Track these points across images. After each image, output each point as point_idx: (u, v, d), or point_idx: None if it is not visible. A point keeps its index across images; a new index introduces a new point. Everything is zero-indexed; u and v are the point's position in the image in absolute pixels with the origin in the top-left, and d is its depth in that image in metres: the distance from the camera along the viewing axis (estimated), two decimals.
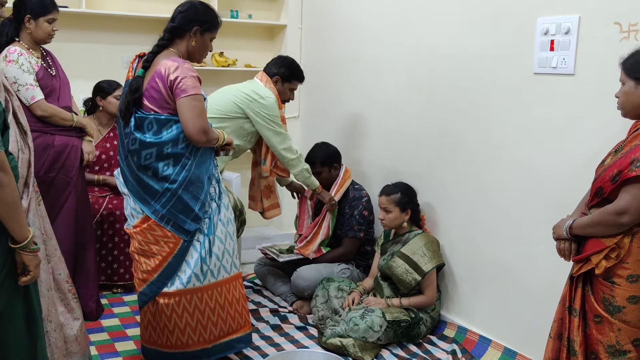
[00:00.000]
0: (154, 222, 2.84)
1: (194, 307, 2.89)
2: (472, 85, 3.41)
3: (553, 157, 2.99)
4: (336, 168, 4.05)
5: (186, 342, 2.91)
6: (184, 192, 2.80)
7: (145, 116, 2.78)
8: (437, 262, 3.51)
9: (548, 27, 2.94)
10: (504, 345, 3.28)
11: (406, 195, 3.63)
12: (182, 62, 2.76)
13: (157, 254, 2.86)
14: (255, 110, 3.69)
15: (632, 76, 2.20)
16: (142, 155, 2.79)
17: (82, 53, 4.52)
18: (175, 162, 2.79)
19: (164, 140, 2.77)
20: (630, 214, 2.09)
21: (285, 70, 3.86)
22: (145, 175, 2.81)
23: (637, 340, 2.16)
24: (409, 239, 3.60)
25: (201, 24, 2.84)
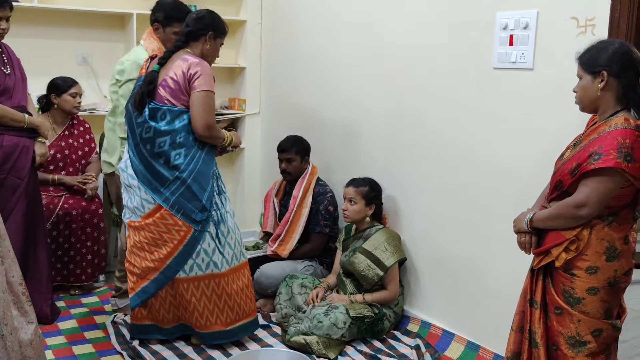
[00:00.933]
0: (166, 212, 3.04)
1: (212, 292, 3.15)
2: (432, 80, 3.42)
3: (512, 151, 3.01)
4: (306, 161, 4.04)
5: (204, 323, 3.20)
6: (193, 182, 3.03)
7: (159, 107, 3.02)
8: (399, 257, 3.51)
9: (507, 22, 2.96)
10: (467, 339, 3.30)
11: (373, 189, 3.63)
12: (201, 60, 3.04)
13: (168, 241, 3.07)
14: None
15: (588, 70, 2.22)
16: (156, 142, 3.01)
17: (35, 49, 4.39)
18: (186, 153, 3.02)
19: (177, 129, 3.00)
20: (589, 207, 2.11)
21: (160, 14, 3.54)
22: (157, 162, 3.03)
23: (596, 331, 2.19)
24: (370, 234, 3.60)
25: (214, 29, 3.15)
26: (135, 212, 3.15)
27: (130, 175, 3.12)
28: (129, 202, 3.18)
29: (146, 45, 3.56)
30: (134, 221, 3.16)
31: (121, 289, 3.67)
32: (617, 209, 2.17)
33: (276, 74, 4.90)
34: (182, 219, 3.05)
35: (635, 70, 2.15)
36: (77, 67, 4.61)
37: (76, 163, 4.10)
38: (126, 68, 3.49)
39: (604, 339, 2.21)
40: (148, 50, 3.52)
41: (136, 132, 3.08)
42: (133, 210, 3.16)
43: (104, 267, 4.13)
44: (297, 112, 4.63)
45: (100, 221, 4.03)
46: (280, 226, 3.98)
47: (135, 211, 3.15)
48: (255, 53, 5.04)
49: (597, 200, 2.10)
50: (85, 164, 4.16)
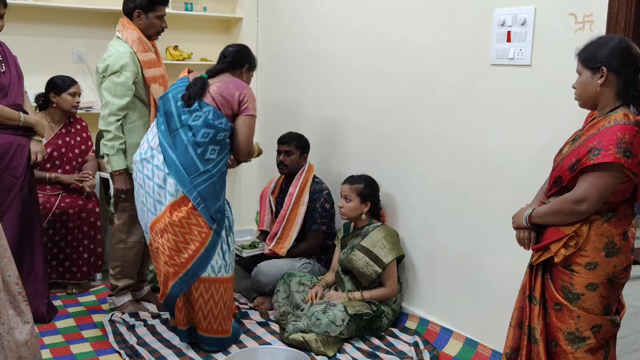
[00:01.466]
0: (190, 210, 3.06)
1: (220, 297, 3.19)
2: (430, 77, 3.42)
3: (510, 148, 3.01)
4: (304, 158, 4.03)
5: (206, 327, 3.21)
6: (218, 180, 3.15)
7: (207, 105, 3.12)
8: (397, 254, 3.51)
9: (505, 19, 2.96)
10: (465, 335, 3.30)
11: (369, 187, 3.62)
12: (247, 86, 3.25)
13: (190, 243, 3.09)
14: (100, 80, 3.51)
15: (588, 66, 2.22)
16: (201, 132, 3.09)
17: (30, 47, 4.36)
18: (220, 151, 3.15)
19: (220, 128, 3.12)
20: (589, 202, 2.11)
21: (141, 0, 3.48)
22: (195, 152, 3.08)
23: (595, 327, 2.19)
24: (368, 231, 3.60)
25: (250, 63, 3.38)
26: (155, 207, 3.13)
27: (157, 167, 3.11)
28: (146, 201, 3.16)
29: (125, 36, 3.49)
30: (157, 222, 3.12)
31: (117, 286, 3.65)
32: (616, 204, 2.17)
33: (272, 71, 4.88)
34: (202, 213, 3.07)
35: (635, 66, 2.15)
36: (73, 64, 4.58)
37: (73, 161, 4.08)
38: (110, 62, 3.42)
39: (603, 334, 2.21)
40: (128, 41, 3.47)
41: (176, 118, 3.13)
42: (151, 207, 3.14)
43: (100, 266, 4.12)
44: (294, 109, 4.62)
45: (97, 220, 4.02)
46: (276, 224, 3.97)
47: (154, 207, 3.13)
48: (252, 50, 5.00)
49: (597, 196, 2.10)
50: (82, 162, 4.15)
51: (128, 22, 3.54)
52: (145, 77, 3.50)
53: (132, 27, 3.51)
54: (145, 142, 3.22)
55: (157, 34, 3.62)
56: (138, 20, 3.52)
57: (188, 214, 3.06)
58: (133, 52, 3.46)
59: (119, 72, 3.41)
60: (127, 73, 3.41)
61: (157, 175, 3.11)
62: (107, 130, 3.44)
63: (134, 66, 3.45)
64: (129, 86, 3.43)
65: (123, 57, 3.42)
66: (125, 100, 3.43)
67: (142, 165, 3.18)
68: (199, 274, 3.11)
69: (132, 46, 3.47)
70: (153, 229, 3.15)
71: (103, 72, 3.45)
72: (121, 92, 3.42)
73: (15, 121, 3.28)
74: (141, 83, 3.51)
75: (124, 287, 3.64)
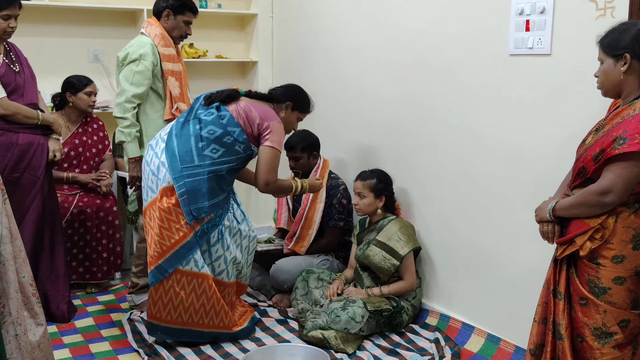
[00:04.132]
0: (171, 204, 3.05)
1: (202, 291, 3.13)
2: (448, 69, 3.36)
3: (531, 139, 2.95)
4: (315, 156, 3.98)
5: (187, 320, 3.16)
6: (209, 180, 3.06)
7: (228, 115, 3.11)
8: (413, 246, 3.46)
9: (523, 7, 2.89)
10: (487, 331, 3.25)
11: (382, 181, 3.58)
12: (278, 120, 3.21)
13: (166, 239, 3.07)
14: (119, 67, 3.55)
15: (610, 54, 2.15)
16: (208, 127, 3.08)
17: (46, 47, 4.38)
18: (222, 154, 3.10)
19: (230, 132, 3.09)
20: (615, 194, 2.04)
21: (174, 1, 3.56)
22: (196, 144, 3.07)
23: (623, 322, 2.13)
24: (383, 225, 3.56)
25: (294, 102, 3.36)
26: (147, 194, 3.18)
27: (156, 154, 3.14)
28: (144, 187, 3.22)
29: (148, 32, 3.57)
30: (149, 207, 3.17)
31: (138, 284, 3.66)
32: None
33: (288, 67, 4.85)
34: (182, 205, 3.04)
35: None
36: (89, 64, 4.59)
37: (90, 161, 4.09)
38: (130, 51, 3.49)
39: (630, 329, 2.14)
40: (150, 35, 3.55)
41: (193, 111, 3.16)
42: (144, 193, 3.21)
43: (119, 265, 4.11)
44: None
45: (115, 219, 4.01)
46: (295, 224, 3.94)
47: (147, 193, 3.19)
48: (267, 47, 5.00)
49: (623, 187, 2.03)
50: (99, 161, 4.15)
51: (154, 20, 3.62)
52: (163, 70, 3.53)
53: (157, 24, 3.60)
54: (159, 131, 3.28)
55: (180, 38, 3.67)
56: (166, 20, 3.59)
57: (169, 210, 3.06)
58: (154, 44, 3.52)
59: (137, 61, 3.45)
60: (145, 62, 3.46)
61: (153, 162, 3.14)
62: (123, 118, 3.46)
63: (153, 57, 3.50)
64: (147, 75, 3.47)
65: (144, 46, 3.48)
66: (142, 89, 3.47)
67: (146, 151, 3.25)
68: (169, 270, 3.08)
69: (154, 40, 3.54)
70: (145, 216, 3.20)
71: (122, 61, 3.51)
72: (138, 81, 3.45)
73: (34, 119, 3.29)
74: (159, 75, 3.55)
75: (144, 285, 3.64)
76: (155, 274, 3.09)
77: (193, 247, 3.09)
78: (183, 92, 3.63)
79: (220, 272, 3.23)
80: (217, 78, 5.10)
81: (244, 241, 3.35)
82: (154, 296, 3.12)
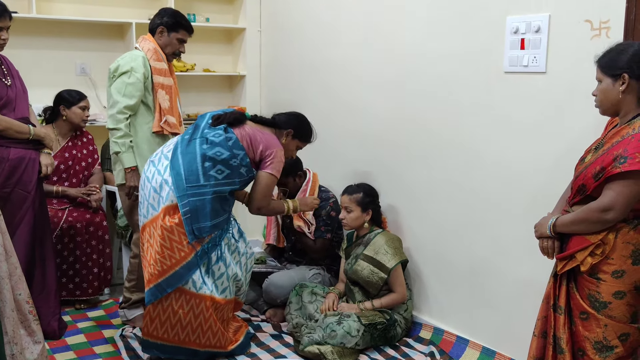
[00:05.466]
0: (176, 225, 3.03)
1: (200, 312, 3.11)
2: (442, 84, 3.40)
3: (525, 156, 3.00)
4: (300, 176, 3.98)
5: (183, 338, 3.13)
6: (212, 201, 3.06)
7: (234, 137, 3.14)
8: (400, 259, 3.48)
9: (518, 26, 2.95)
10: (482, 344, 3.28)
11: (368, 195, 3.61)
12: (281, 147, 3.27)
13: (167, 259, 3.05)
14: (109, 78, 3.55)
15: (608, 73, 2.21)
16: (215, 149, 3.09)
17: (34, 60, 4.34)
18: (227, 176, 3.10)
19: (236, 154, 3.11)
20: (615, 211, 2.09)
21: (169, 18, 3.60)
22: (202, 164, 3.07)
23: (623, 335, 2.17)
24: (370, 239, 3.58)
25: (295, 129, 3.43)
26: (148, 211, 3.14)
27: (158, 171, 3.12)
28: (142, 203, 3.18)
29: (141, 46, 3.60)
30: (149, 225, 3.13)
31: (130, 299, 3.62)
32: None
33: (276, 81, 4.87)
34: (185, 224, 3.02)
35: None
36: (76, 77, 4.56)
37: (79, 174, 4.05)
38: (121, 63, 3.50)
39: (630, 343, 2.18)
40: (143, 49, 3.57)
41: (199, 130, 3.18)
42: (144, 210, 3.16)
43: (109, 280, 4.07)
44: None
45: (105, 233, 3.97)
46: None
47: (147, 210, 3.14)
48: (255, 61, 5.01)
49: (624, 204, 2.08)
50: (88, 175, 4.12)
51: (149, 37, 3.65)
52: (153, 82, 3.54)
53: (152, 40, 3.62)
54: (161, 147, 3.28)
55: (173, 55, 3.69)
56: (160, 37, 3.62)
57: (172, 229, 3.04)
58: (145, 57, 3.54)
59: (129, 73, 3.46)
60: (137, 74, 3.47)
61: (156, 179, 3.12)
62: (116, 128, 3.46)
63: (145, 69, 3.51)
64: (139, 87, 3.48)
65: (135, 59, 3.50)
66: (134, 100, 3.47)
67: (147, 166, 3.22)
68: (167, 290, 3.05)
69: (147, 54, 3.56)
70: (144, 232, 3.16)
71: (114, 72, 3.51)
72: (130, 92, 3.46)
73: (26, 134, 3.26)
74: (149, 88, 3.55)
75: (137, 300, 3.61)
76: (154, 292, 3.06)
77: (193, 267, 3.07)
78: (173, 105, 3.63)
79: (224, 290, 3.21)
80: (205, 92, 5.10)
81: (242, 258, 3.33)
82: (151, 314, 3.09)
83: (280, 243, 4.12)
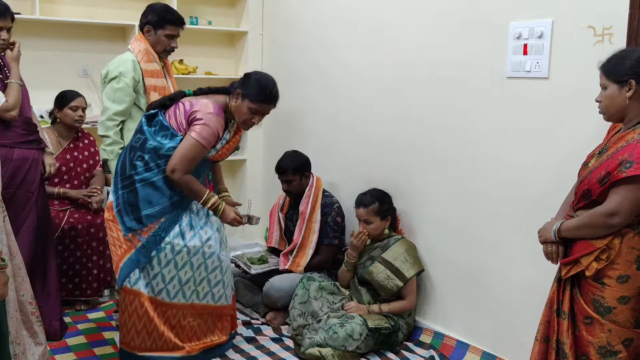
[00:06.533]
0: (111, 221, 3.03)
1: (134, 310, 3.01)
2: (445, 89, 3.41)
3: (528, 161, 3.01)
4: (307, 177, 3.99)
5: (128, 342, 3.05)
6: (142, 189, 2.96)
7: (160, 119, 3.01)
8: (418, 269, 3.49)
9: (521, 31, 2.97)
10: (482, 349, 3.28)
11: (384, 202, 3.60)
12: (219, 114, 2.97)
13: (116, 250, 3.04)
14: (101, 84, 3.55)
15: (614, 80, 2.21)
16: (135, 136, 3.04)
17: (36, 61, 4.32)
18: (149, 161, 2.96)
19: (152, 137, 2.97)
20: (621, 215, 2.10)
21: (153, 16, 3.51)
22: (128, 154, 3.03)
23: (627, 340, 2.18)
24: (389, 244, 3.57)
25: (243, 89, 3.02)
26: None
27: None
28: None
29: (133, 47, 3.55)
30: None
31: None
32: None
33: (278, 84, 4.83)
34: (117, 217, 3.00)
35: None
36: (78, 79, 4.56)
37: (81, 176, 4.05)
38: (110, 69, 3.48)
39: (634, 348, 2.19)
40: (134, 51, 3.52)
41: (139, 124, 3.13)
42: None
43: (109, 282, 4.06)
44: (300, 122, 4.61)
45: (105, 235, 3.97)
46: (292, 243, 3.94)
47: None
48: (257, 64, 5.01)
49: (629, 209, 2.09)
50: (90, 176, 4.11)
51: (140, 36, 3.59)
52: (145, 85, 3.51)
53: (143, 40, 3.56)
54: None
55: (164, 52, 3.62)
56: (147, 36, 3.56)
57: (110, 227, 3.06)
58: (136, 60, 3.49)
59: (117, 78, 3.43)
60: (125, 79, 3.43)
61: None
62: (106, 136, 3.46)
63: (134, 73, 3.47)
64: (128, 92, 3.45)
65: (124, 63, 3.46)
66: (124, 106, 3.45)
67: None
68: (118, 288, 3.04)
69: (137, 56, 3.51)
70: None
71: (104, 78, 3.51)
72: (120, 98, 3.44)
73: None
74: (141, 91, 3.52)
75: None
76: (113, 292, 3.07)
77: (135, 264, 2.99)
78: None
79: (159, 291, 3.03)
80: None
81: (194, 258, 3.06)
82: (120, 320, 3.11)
83: (282, 246, 4.12)
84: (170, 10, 3.59)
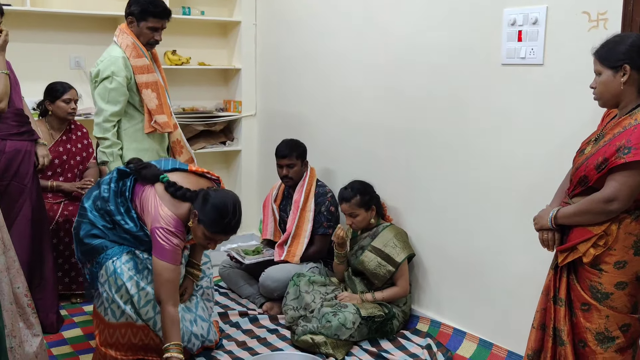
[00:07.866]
0: None
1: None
2: (439, 76, 3.40)
3: (523, 147, 3.01)
4: (306, 164, 3.99)
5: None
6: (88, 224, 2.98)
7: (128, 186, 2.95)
8: (408, 252, 3.50)
9: (515, 18, 2.95)
10: (479, 336, 3.29)
11: (364, 193, 3.59)
12: (174, 228, 2.77)
13: None
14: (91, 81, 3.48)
15: (608, 65, 2.20)
16: (104, 185, 3.00)
17: (28, 53, 4.29)
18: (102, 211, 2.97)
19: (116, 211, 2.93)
20: (619, 201, 2.10)
21: (135, 7, 3.43)
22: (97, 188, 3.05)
23: (624, 326, 2.18)
24: (378, 232, 3.58)
25: (200, 214, 2.79)
26: None
27: None
28: None
29: (120, 41, 3.48)
30: None
31: None
32: None
33: (272, 74, 4.85)
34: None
35: None
36: (70, 70, 4.52)
37: (74, 169, 4.02)
38: (101, 68, 3.41)
39: (631, 333, 2.20)
40: (122, 46, 3.45)
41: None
42: None
43: None
44: (294, 112, 4.59)
45: None
46: (286, 234, 3.93)
47: None
48: (251, 54, 4.99)
49: (627, 194, 2.09)
50: (83, 169, 4.09)
51: (125, 27, 3.52)
52: (137, 83, 3.46)
53: (129, 32, 3.49)
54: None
55: (148, 45, 3.54)
56: (131, 27, 3.50)
57: None
58: (126, 57, 3.43)
59: (110, 78, 3.37)
60: (118, 78, 3.38)
61: None
62: (104, 138, 3.41)
63: (126, 71, 3.41)
64: (122, 91, 3.40)
65: (115, 62, 3.39)
66: (119, 106, 3.40)
67: None
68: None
69: (126, 51, 3.44)
70: None
71: (95, 77, 3.43)
72: (114, 98, 3.38)
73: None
74: (134, 89, 3.47)
75: None
76: None
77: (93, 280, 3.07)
78: (162, 102, 3.53)
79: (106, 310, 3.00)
80: (200, 85, 5.08)
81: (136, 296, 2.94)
82: None
83: (278, 237, 4.11)
84: (155, 1, 3.49)
